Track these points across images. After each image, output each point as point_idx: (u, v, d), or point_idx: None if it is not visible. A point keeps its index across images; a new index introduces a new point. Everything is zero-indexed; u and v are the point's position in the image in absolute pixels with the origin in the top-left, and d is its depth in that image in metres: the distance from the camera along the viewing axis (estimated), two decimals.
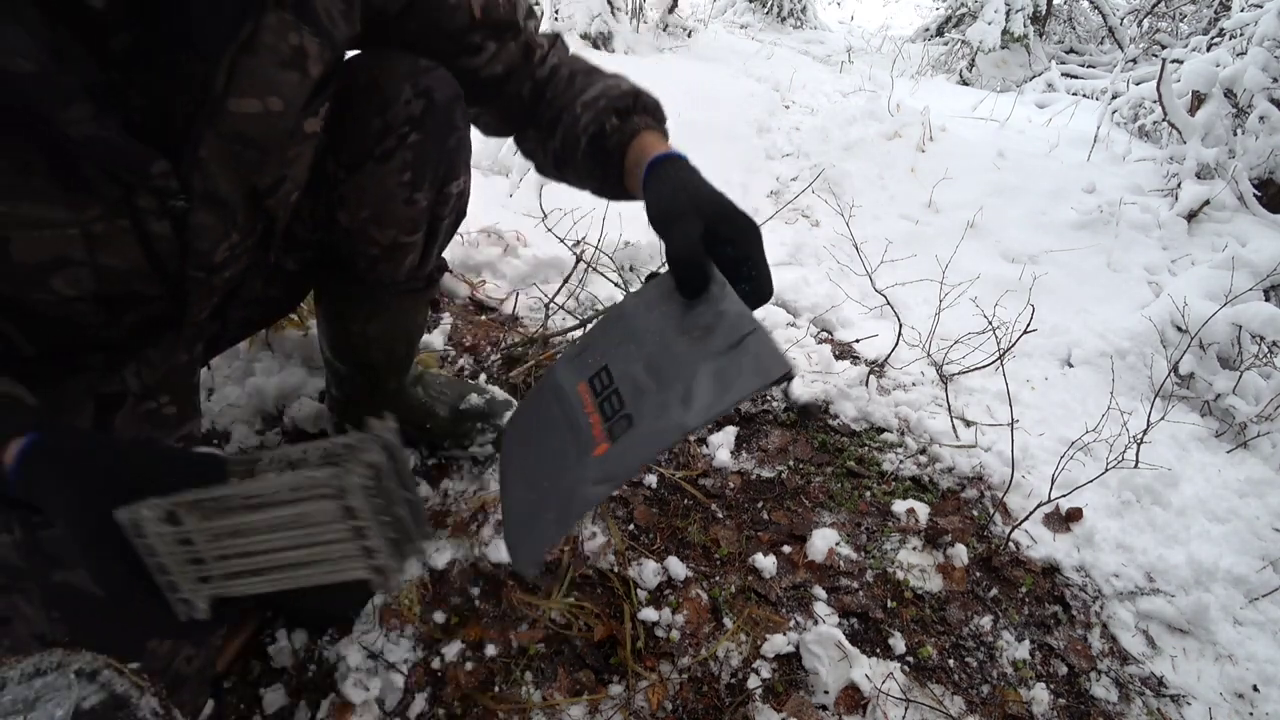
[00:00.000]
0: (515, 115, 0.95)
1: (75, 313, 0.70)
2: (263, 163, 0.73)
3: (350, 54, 0.88)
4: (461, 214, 1.06)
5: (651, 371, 0.64)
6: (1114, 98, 4.27)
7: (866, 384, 1.70)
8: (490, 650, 1.07)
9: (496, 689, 1.03)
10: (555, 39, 0.95)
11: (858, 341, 1.93)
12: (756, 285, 0.68)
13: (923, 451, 1.57)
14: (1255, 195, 2.87)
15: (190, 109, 0.65)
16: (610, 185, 0.85)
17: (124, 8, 0.58)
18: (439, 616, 1.11)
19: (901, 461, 1.53)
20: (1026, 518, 1.38)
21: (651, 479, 1.38)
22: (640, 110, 0.84)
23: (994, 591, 1.30)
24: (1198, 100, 3.18)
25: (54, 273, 0.65)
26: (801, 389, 1.68)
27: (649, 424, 0.61)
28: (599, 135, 0.83)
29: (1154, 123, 3.92)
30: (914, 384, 1.77)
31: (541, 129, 0.92)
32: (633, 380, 0.65)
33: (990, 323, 1.75)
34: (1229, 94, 3.03)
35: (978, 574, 1.32)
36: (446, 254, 1.68)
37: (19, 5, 0.52)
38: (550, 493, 0.65)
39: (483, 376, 1.56)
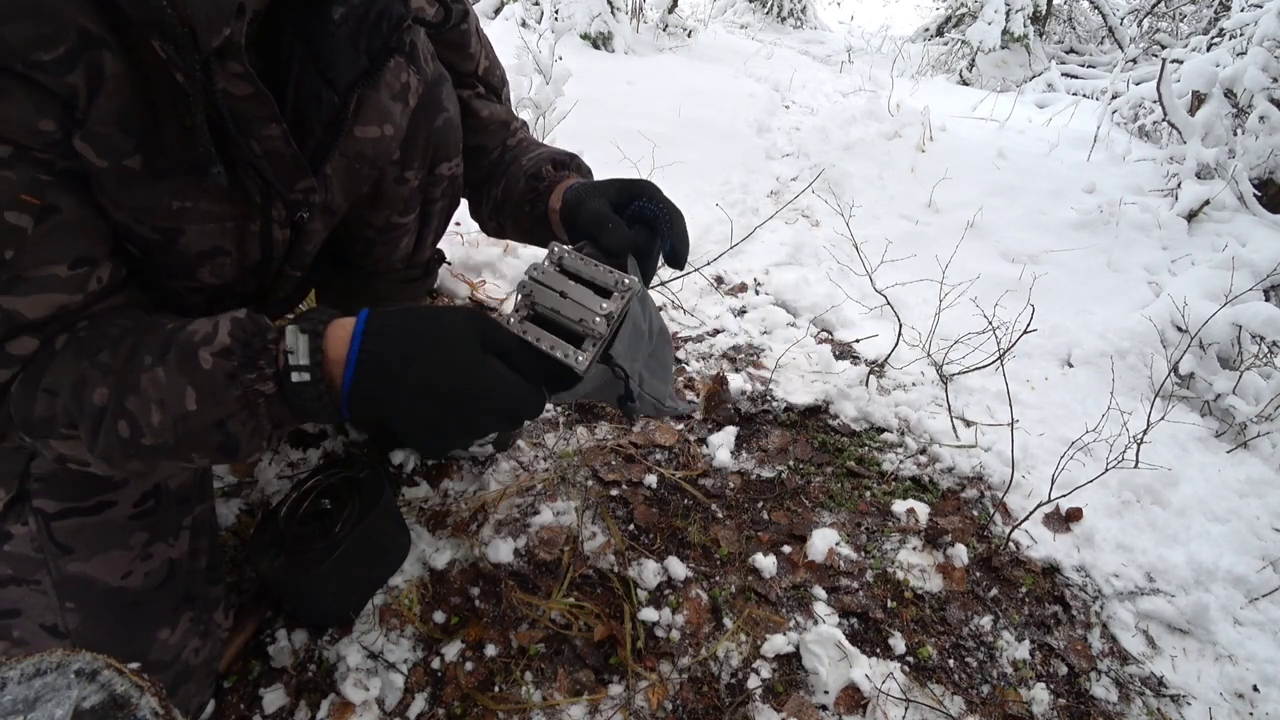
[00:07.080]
0: (483, 170, 1.09)
1: (192, 303, 0.81)
2: (371, 178, 0.87)
3: None
4: (455, 199, 1.08)
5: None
6: (1114, 98, 4.28)
7: (866, 384, 1.70)
8: (490, 650, 1.07)
9: (496, 689, 1.03)
10: (523, 123, 1.14)
11: (858, 341, 1.93)
12: (677, 235, 0.82)
13: (923, 451, 1.57)
14: (1255, 195, 2.87)
15: (320, 134, 0.77)
16: (536, 223, 0.97)
17: (300, 57, 0.73)
18: (439, 616, 1.11)
19: (901, 461, 1.53)
20: (1026, 518, 1.38)
21: (651, 479, 1.38)
22: (574, 168, 0.99)
23: (994, 591, 1.30)
24: (1198, 100, 3.19)
25: (208, 261, 0.75)
26: (801, 389, 1.68)
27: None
28: (535, 176, 0.97)
29: (1154, 123, 3.93)
30: (914, 384, 1.77)
31: (494, 180, 1.07)
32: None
33: (990, 323, 1.75)
34: (1229, 94, 3.03)
35: (978, 574, 1.32)
36: (448, 254, 1.68)
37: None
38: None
39: None
